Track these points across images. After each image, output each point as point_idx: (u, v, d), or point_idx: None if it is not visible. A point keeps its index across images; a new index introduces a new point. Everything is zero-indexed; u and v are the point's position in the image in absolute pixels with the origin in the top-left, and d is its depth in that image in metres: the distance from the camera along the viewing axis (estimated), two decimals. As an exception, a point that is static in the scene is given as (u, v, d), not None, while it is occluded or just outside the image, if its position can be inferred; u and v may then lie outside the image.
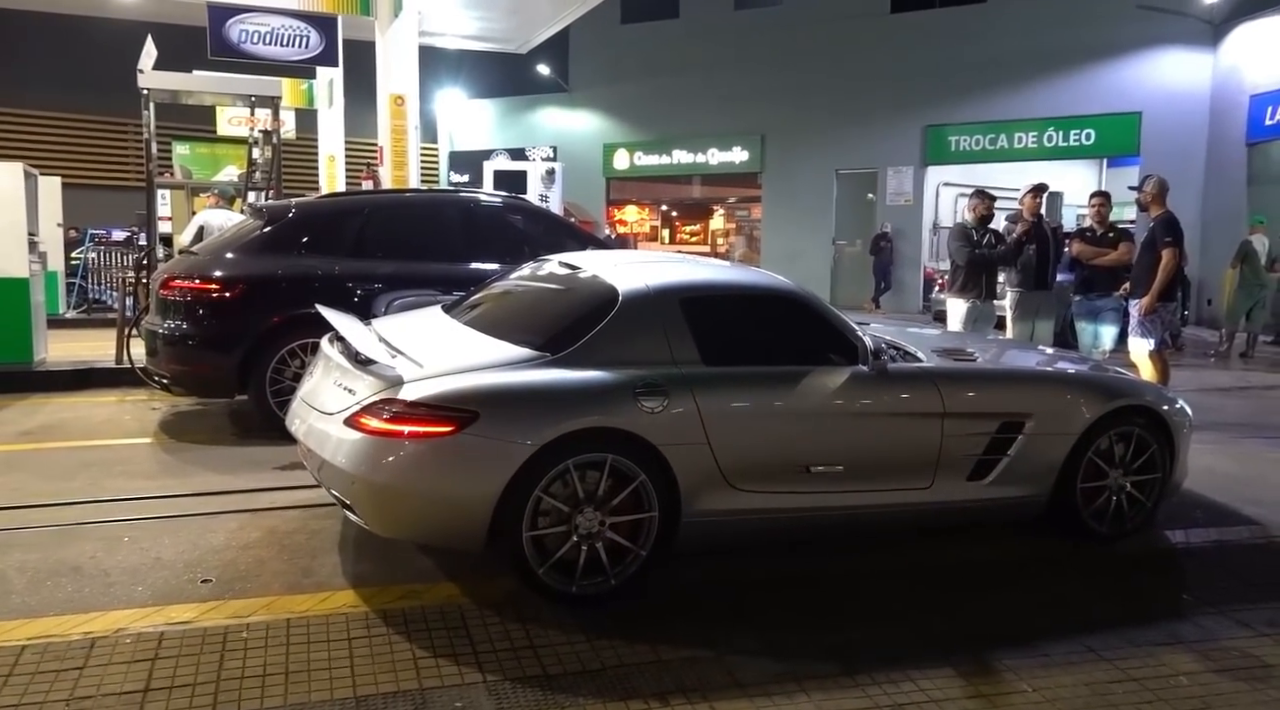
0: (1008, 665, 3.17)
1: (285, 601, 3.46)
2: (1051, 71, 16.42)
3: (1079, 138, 16.37)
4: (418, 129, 9.21)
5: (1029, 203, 7.76)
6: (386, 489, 3.34)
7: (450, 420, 3.27)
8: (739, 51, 19.00)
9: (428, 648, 3.14)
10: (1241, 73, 14.57)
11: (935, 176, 17.92)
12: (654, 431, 3.48)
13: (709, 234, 23.61)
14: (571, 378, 3.51)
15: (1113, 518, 4.36)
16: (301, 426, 3.77)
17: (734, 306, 4.08)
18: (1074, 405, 4.28)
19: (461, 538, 3.46)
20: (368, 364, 3.60)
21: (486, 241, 6.59)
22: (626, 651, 3.17)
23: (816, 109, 18.38)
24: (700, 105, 19.61)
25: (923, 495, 4.02)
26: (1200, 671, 3.18)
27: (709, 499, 3.62)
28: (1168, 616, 3.64)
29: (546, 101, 22.07)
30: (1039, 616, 3.62)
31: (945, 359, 4.45)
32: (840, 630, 3.40)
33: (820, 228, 18.91)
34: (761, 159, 19.66)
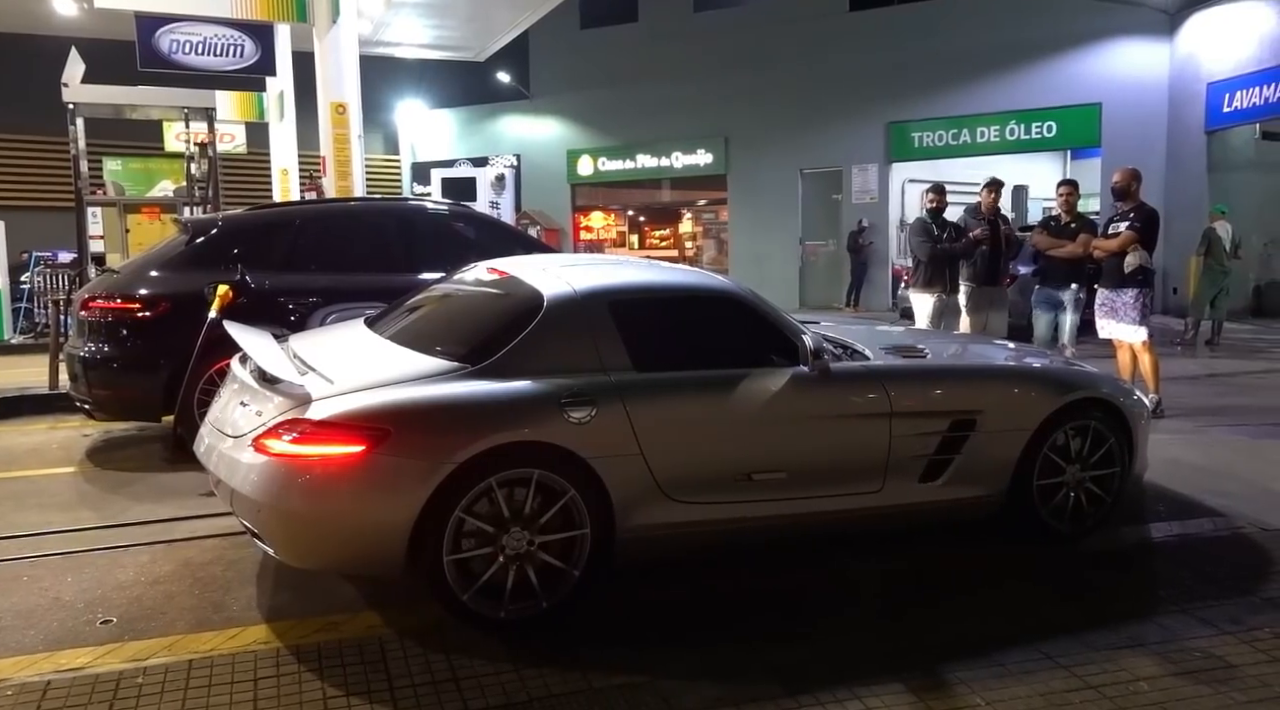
0: (960, 677, 3.00)
1: (190, 641, 3.23)
2: (1011, 65, 16.40)
3: (1041, 130, 16.34)
4: (361, 138, 8.98)
5: (987, 200, 7.70)
6: (295, 516, 3.13)
7: (361, 439, 3.07)
8: (700, 54, 18.88)
9: (340, 685, 2.93)
10: (1198, 61, 14.59)
11: (900, 173, 17.85)
12: (582, 444, 3.29)
13: (677, 238, 23.46)
14: (492, 389, 3.30)
15: (1072, 515, 4.18)
16: (209, 452, 3.53)
17: (666, 308, 3.88)
18: (1027, 400, 4.12)
19: (377, 564, 3.26)
20: (275, 383, 3.38)
21: (430, 251, 6.35)
22: (556, 681, 2.97)
23: (779, 109, 18.29)
24: (663, 109, 19.47)
25: (873, 499, 3.83)
26: (1161, 675, 3.02)
27: (645, 513, 3.42)
28: (1128, 618, 3.47)
29: (508, 109, 21.87)
30: (994, 622, 3.44)
31: (894, 357, 4.26)
32: (784, 648, 3.21)
33: (787, 228, 18.80)
34: (726, 161, 19.54)
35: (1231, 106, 13.96)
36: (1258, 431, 6.66)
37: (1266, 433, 6.62)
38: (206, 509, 4.57)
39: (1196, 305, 11.98)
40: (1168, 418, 6.79)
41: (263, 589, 3.69)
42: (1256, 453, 6.02)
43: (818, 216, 18.74)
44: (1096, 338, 7.50)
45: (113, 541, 4.22)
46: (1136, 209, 6.97)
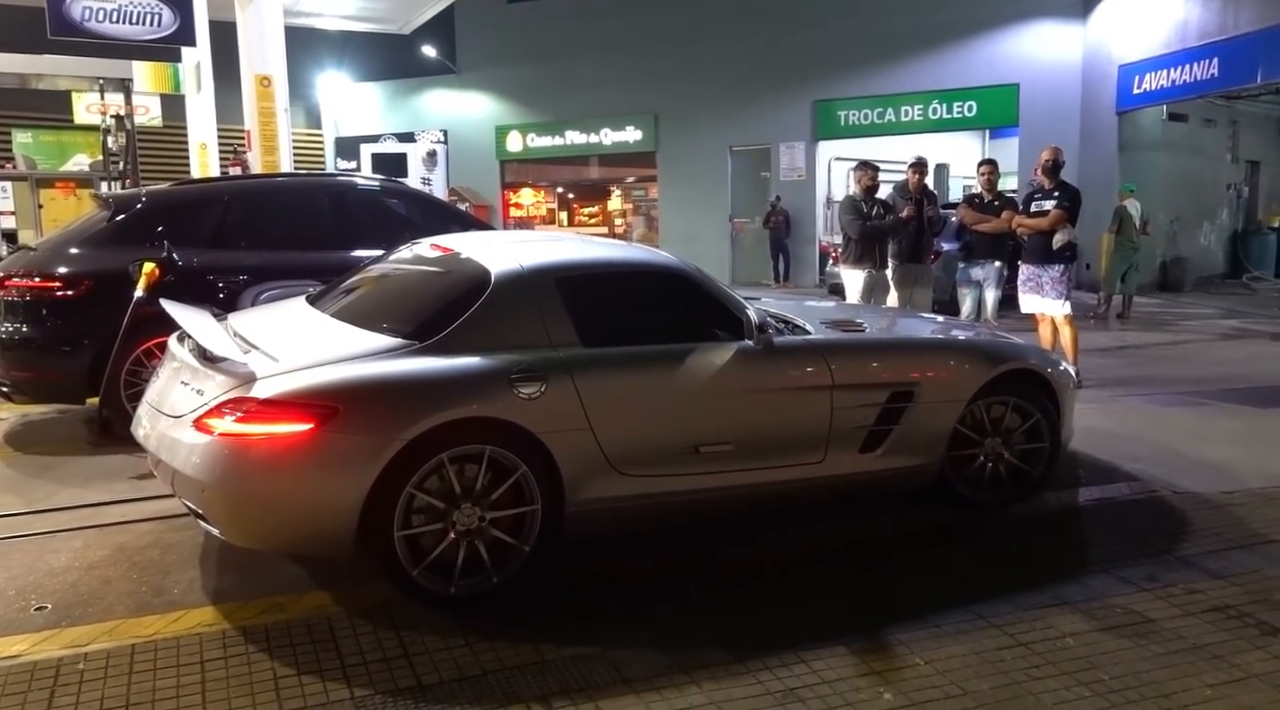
0: (899, 639, 3.12)
1: (131, 625, 3.17)
2: (934, 45, 16.70)
3: (962, 110, 16.71)
4: (288, 112, 8.74)
5: (913, 180, 7.86)
6: (241, 496, 3.10)
7: (308, 417, 3.04)
8: (628, 30, 18.78)
9: (291, 665, 2.91)
10: (1110, 44, 15.07)
11: (826, 151, 18.07)
12: (532, 419, 3.31)
13: (607, 215, 23.41)
14: (441, 366, 3.30)
15: (1005, 483, 4.35)
16: (149, 433, 3.47)
17: (613, 284, 3.91)
18: (961, 371, 4.26)
19: (327, 545, 3.24)
20: (218, 361, 3.32)
21: (363, 228, 6.26)
22: (508, 654, 3.00)
23: (708, 86, 18.32)
24: (592, 85, 19.33)
25: (816, 470, 3.93)
26: (1086, 631, 3.19)
27: (594, 486, 3.47)
28: (1054, 578, 3.64)
29: (435, 84, 21.45)
30: (930, 588, 3.58)
31: (834, 331, 4.36)
32: (730, 617, 3.30)
33: (716, 206, 18.91)
34: (655, 138, 19.53)
35: (1141, 88, 14.47)
36: (1167, 400, 7.00)
37: (1175, 401, 6.97)
38: (139, 492, 4.47)
39: (1108, 280, 12.47)
40: (1084, 388, 7.09)
41: (204, 572, 3.62)
42: (1166, 420, 6.33)
43: (747, 194, 18.89)
44: (1018, 312, 7.77)
45: (41, 527, 4.09)
46: (1061, 187, 7.21)
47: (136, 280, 5.24)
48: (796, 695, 2.78)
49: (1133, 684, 2.86)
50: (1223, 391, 7.25)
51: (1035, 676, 2.90)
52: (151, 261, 5.30)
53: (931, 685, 2.84)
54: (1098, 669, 2.94)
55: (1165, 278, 16.00)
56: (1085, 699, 2.78)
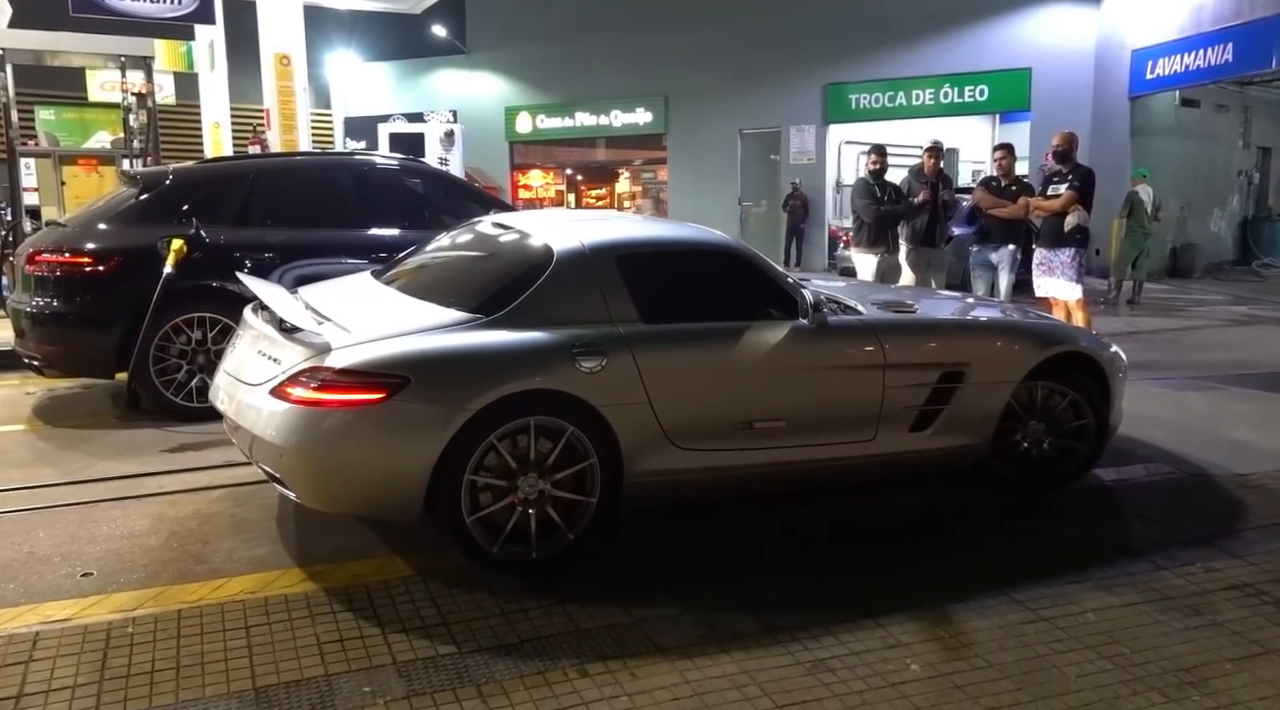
0: (926, 614, 3.19)
1: (175, 591, 3.25)
2: (945, 29, 16.64)
3: (973, 94, 16.66)
4: (306, 91, 8.76)
5: (928, 164, 7.89)
6: (317, 461, 3.23)
7: (380, 387, 3.17)
8: (638, 10, 18.72)
9: (333, 631, 2.99)
10: (1123, 29, 15.01)
11: (837, 135, 18.04)
12: (593, 392, 3.40)
13: (615, 197, 23.40)
14: (506, 339, 3.41)
15: (1049, 466, 4.36)
16: (226, 400, 3.62)
17: (671, 263, 3.99)
18: (1012, 353, 4.26)
19: (397, 508, 3.36)
20: (294, 332, 3.46)
21: (384, 206, 6.33)
22: (543, 623, 3.08)
23: (718, 69, 18.28)
24: (602, 67, 19.30)
25: (866, 448, 3.98)
26: (1107, 607, 3.26)
27: (651, 459, 3.55)
28: (1074, 556, 3.71)
29: (444, 64, 21.43)
30: (955, 565, 3.66)
31: (886, 311, 4.36)
32: (762, 590, 3.37)
33: (726, 188, 18.91)
34: (665, 120, 19.51)
35: (1154, 74, 14.43)
36: (1180, 384, 7.05)
37: (1188, 385, 7.02)
38: (172, 465, 4.55)
39: (1119, 266, 12.49)
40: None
41: (241, 542, 3.70)
42: (1180, 404, 6.39)
43: (756, 177, 18.88)
44: (1031, 297, 7.81)
45: (81, 498, 4.17)
46: (1074, 170, 7.24)
47: (165, 256, 5.30)
48: (825, 665, 2.85)
49: (1154, 657, 2.93)
50: (1235, 376, 7.30)
51: (1058, 650, 2.97)
52: (180, 238, 5.36)
53: (958, 658, 2.91)
54: (1119, 643, 3.02)
55: (1175, 264, 16.01)
56: (1107, 671, 2.85)
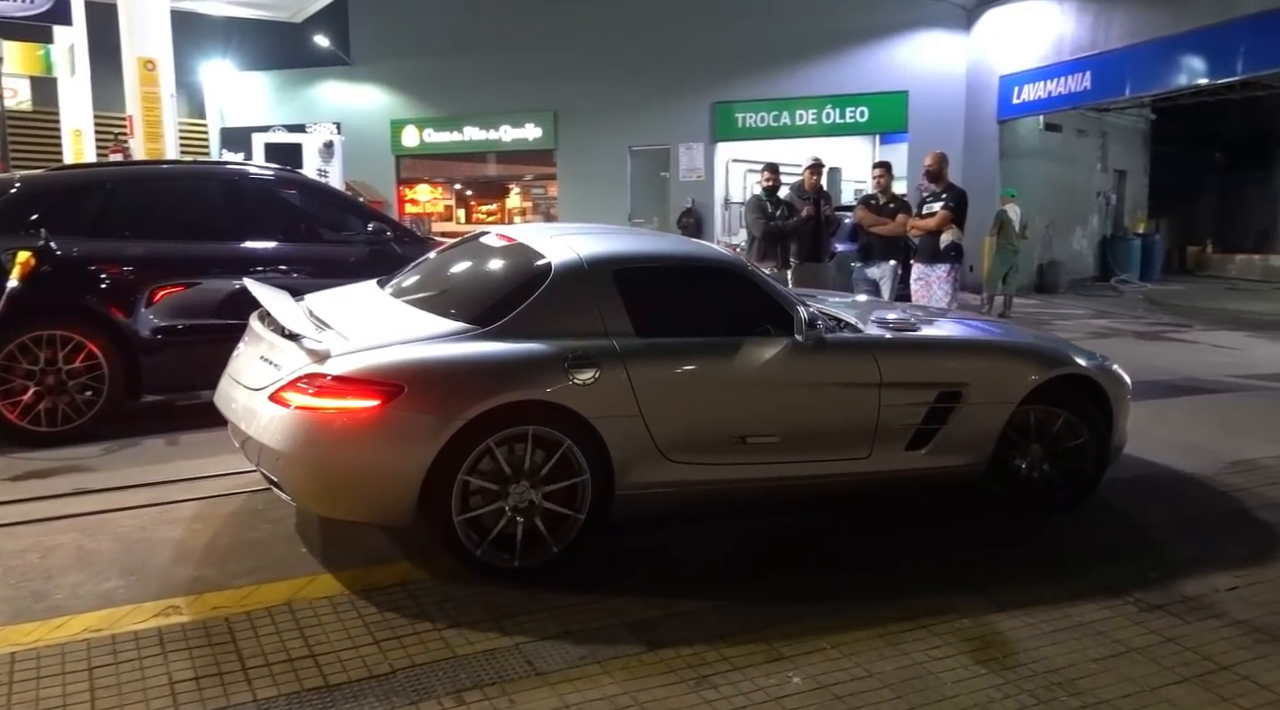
0: (807, 625, 3.19)
1: (9, 632, 2.98)
2: (828, 52, 17.14)
3: (854, 115, 17.19)
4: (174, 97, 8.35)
5: (809, 180, 8.07)
6: (314, 465, 3.30)
7: (376, 394, 3.23)
8: (528, 26, 18.64)
9: (188, 669, 2.79)
10: (991, 56, 15.75)
11: (725, 153, 18.34)
12: (585, 404, 3.44)
13: (506, 213, 23.17)
14: (501, 350, 3.46)
15: (1048, 489, 4.33)
16: (229, 404, 3.72)
17: (668, 277, 4.04)
18: (1012, 375, 4.23)
19: (390, 514, 3.41)
20: (294, 338, 3.53)
21: (257, 218, 6.05)
22: (418, 650, 2.95)
23: (608, 86, 18.35)
24: (491, 81, 19.11)
25: (861, 465, 3.98)
26: (980, 612, 3.33)
27: (643, 471, 3.58)
28: (950, 563, 3.81)
29: (327, 75, 20.85)
30: (839, 575, 3.68)
31: (885, 330, 4.37)
32: (648, 606, 3.31)
33: (616, 205, 18.93)
34: (555, 136, 19.46)
35: (1020, 99, 15.18)
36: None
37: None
38: (15, 494, 4.21)
39: (990, 281, 13.04)
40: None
41: (88, 576, 3.43)
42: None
43: (647, 194, 19.00)
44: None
45: (-97, 533, 3.81)
46: (949, 189, 7.52)
47: (10, 270, 4.93)
48: (709, 682, 2.81)
49: (1025, 661, 3.00)
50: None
51: (935, 657, 3.01)
52: (27, 250, 4.99)
53: (839, 669, 2.92)
54: (993, 648, 3.08)
55: (1042, 280, 16.82)
56: (982, 676, 2.91)
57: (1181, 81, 12.79)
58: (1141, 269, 19.09)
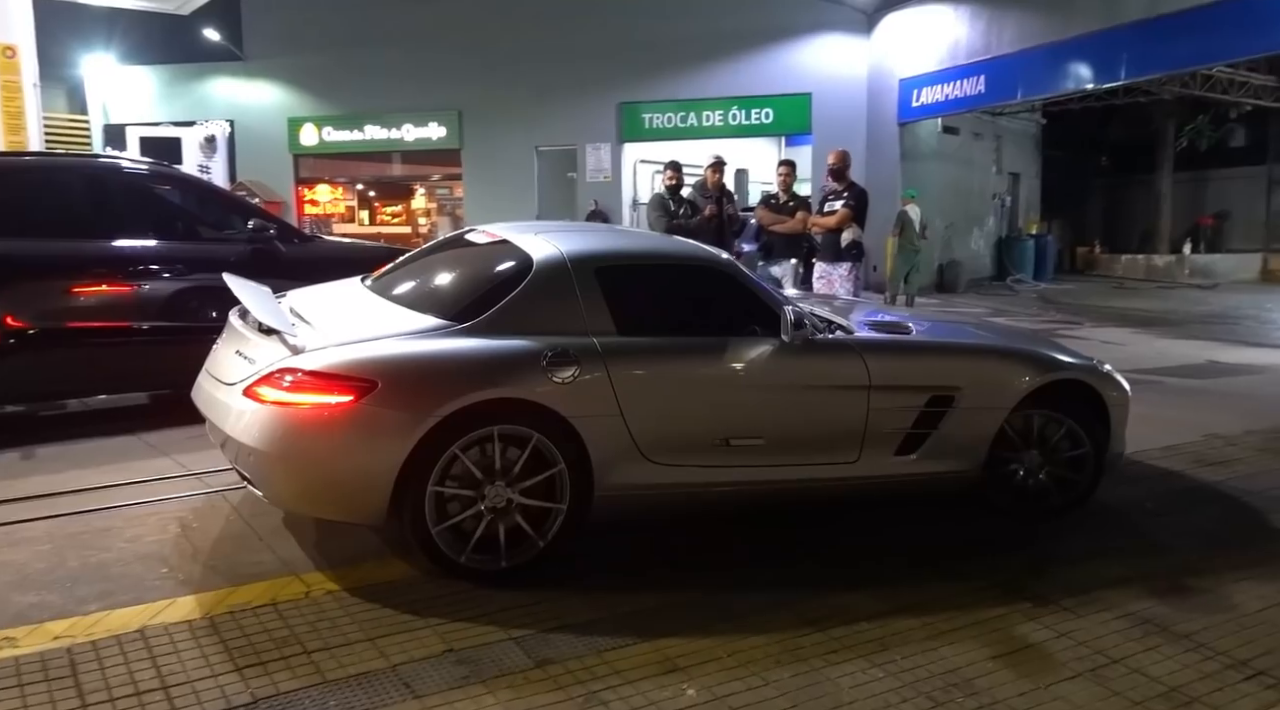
0: (703, 632, 3.08)
1: None
2: (734, 53, 17.25)
3: (760, 116, 17.34)
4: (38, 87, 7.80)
5: (711, 178, 8.01)
6: (284, 461, 3.23)
7: (349, 389, 3.18)
8: (429, 23, 18.23)
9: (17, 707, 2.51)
10: (891, 60, 16.07)
11: (632, 153, 18.28)
12: (564, 403, 3.37)
13: (411, 214, 22.67)
14: (477, 346, 3.40)
15: (1045, 495, 4.23)
16: (203, 398, 3.67)
17: (652, 276, 3.96)
18: (1005, 380, 4.13)
19: (362, 512, 3.34)
20: (270, 333, 3.48)
21: (128, 215, 5.67)
22: (284, 677, 2.72)
23: (514, 85, 18.09)
24: (393, 78, 18.63)
25: (849, 469, 3.89)
26: (878, 614, 3.27)
27: (623, 472, 3.50)
28: (848, 565, 3.74)
29: (219, 70, 20.02)
30: (736, 580, 3.58)
31: (876, 332, 4.28)
32: (539, 619, 3.14)
33: (523, 206, 18.67)
34: (460, 136, 19.09)
35: (919, 102, 15.52)
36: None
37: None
38: None
39: (892, 281, 13.28)
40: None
41: (-87, 607, 3.09)
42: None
43: (554, 194, 18.80)
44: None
45: None
46: (849, 188, 7.55)
47: None
48: (599, 698, 2.67)
49: (922, 662, 2.94)
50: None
51: (833, 662, 2.92)
52: None
53: (735, 678, 2.80)
54: (890, 650, 3.01)
55: (942, 279, 17.24)
56: (879, 680, 2.83)
57: (1069, 85, 13.24)
58: (1035, 269, 19.77)
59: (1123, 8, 11.75)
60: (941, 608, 3.31)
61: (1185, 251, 21.34)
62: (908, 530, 4.13)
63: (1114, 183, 25.58)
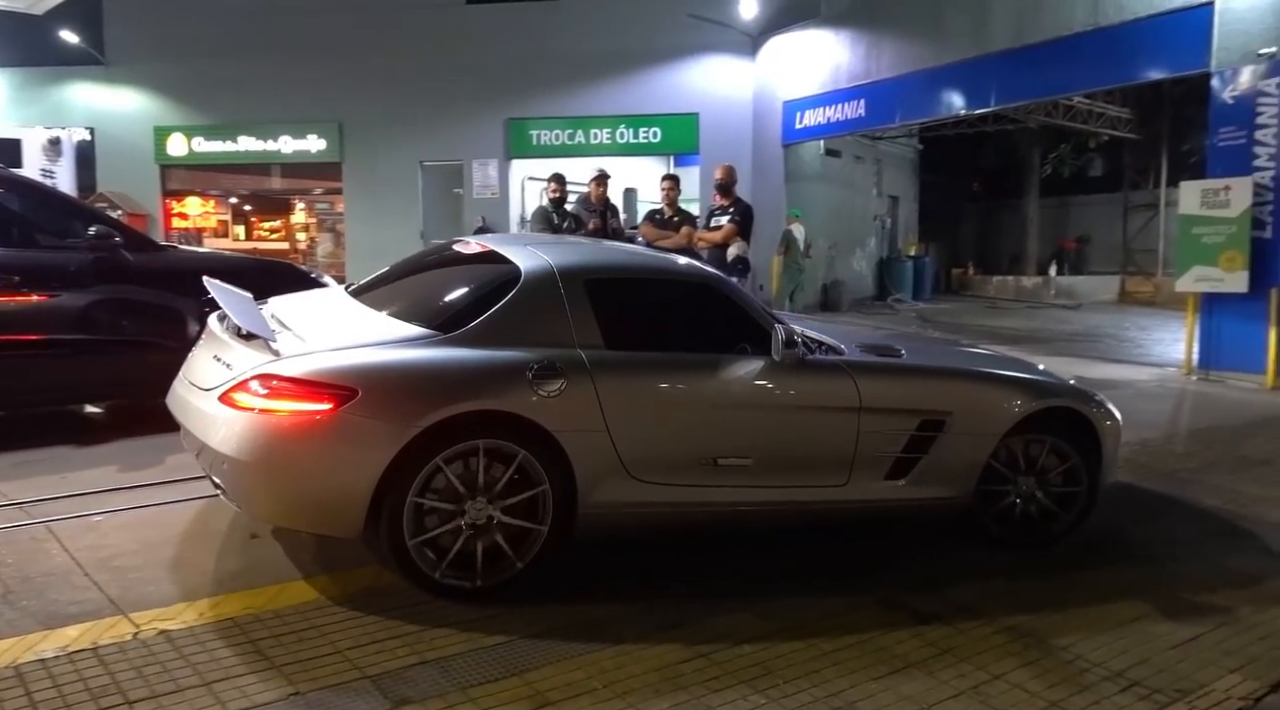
0: (578, 660, 2.89)
1: None
2: (622, 71, 17.24)
3: (648, 135, 17.35)
4: None
5: (595, 192, 7.90)
6: (260, 470, 3.12)
7: (328, 397, 3.08)
8: (310, 34, 17.60)
9: None
10: (775, 82, 16.33)
11: (520, 170, 18.04)
12: (549, 416, 3.27)
13: (290, 229, 21.83)
14: (461, 356, 3.30)
15: (1037, 523, 4.16)
16: (178, 404, 3.57)
17: (642, 290, 3.90)
18: (997, 405, 4.05)
19: (338, 524, 3.22)
20: (250, 339, 3.40)
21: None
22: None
23: (397, 98, 17.61)
24: (270, 89, 17.90)
25: (838, 493, 3.81)
26: (761, 636, 3.16)
27: (608, 490, 3.41)
28: (726, 585, 3.61)
29: (79, 75, 18.83)
30: (613, 603, 3.40)
31: (868, 355, 4.16)
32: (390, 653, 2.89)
33: (408, 221, 18.18)
34: (341, 148, 18.45)
35: (802, 124, 15.80)
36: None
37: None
38: None
39: (778, 298, 13.45)
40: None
41: None
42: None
43: (440, 210, 18.38)
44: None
45: None
46: (735, 203, 7.54)
47: None
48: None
49: (805, 686, 2.83)
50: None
51: (715, 689, 2.79)
52: None
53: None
54: (773, 674, 2.89)
55: (826, 298, 17.57)
56: (762, 706, 2.70)
57: (944, 110, 13.68)
58: (914, 289, 20.40)
59: (992, 37, 12.21)
60: (826, 628, 3.23)
61: (1051, 273, 22.38)
62: (780, 546, 4.02)
63: (985, 207, 26.74)
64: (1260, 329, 8.97)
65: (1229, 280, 9.28)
